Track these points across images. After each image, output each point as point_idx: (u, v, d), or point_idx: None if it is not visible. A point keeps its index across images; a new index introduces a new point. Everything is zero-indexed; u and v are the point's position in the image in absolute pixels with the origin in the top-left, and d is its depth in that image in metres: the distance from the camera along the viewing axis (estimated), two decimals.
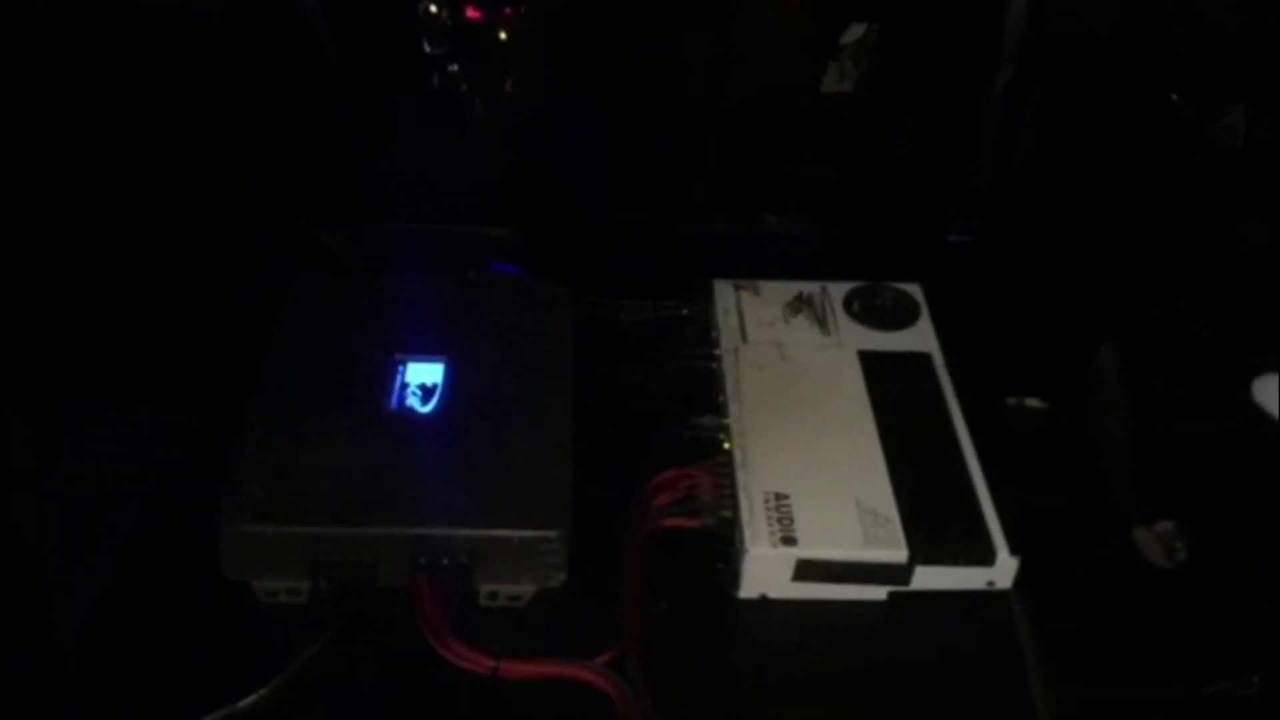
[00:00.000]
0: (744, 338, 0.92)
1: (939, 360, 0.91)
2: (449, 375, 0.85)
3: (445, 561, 0.75)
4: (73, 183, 0.91)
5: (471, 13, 1.65)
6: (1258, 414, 0.89)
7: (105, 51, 0.90)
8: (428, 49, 1.61)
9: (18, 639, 0.71)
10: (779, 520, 0.77)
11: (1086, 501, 0.91)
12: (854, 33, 1.06)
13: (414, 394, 0.84)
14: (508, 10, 1.62)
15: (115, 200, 0.94)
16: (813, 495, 0.78)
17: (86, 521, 0.80)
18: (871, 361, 0.90)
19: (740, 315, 0.94)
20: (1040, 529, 0.81)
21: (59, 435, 0.88)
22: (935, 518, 0.78)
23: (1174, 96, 1.01)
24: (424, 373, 0.85)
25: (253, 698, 0.69)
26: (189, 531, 0.76)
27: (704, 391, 0.89)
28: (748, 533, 0.76)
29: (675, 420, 0.87)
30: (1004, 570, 0.77)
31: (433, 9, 1.64)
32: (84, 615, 0.75)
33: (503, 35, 1.63)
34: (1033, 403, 0.97)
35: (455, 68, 1.61)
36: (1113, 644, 0.78)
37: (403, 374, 0.85)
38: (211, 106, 0.98)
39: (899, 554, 0.76)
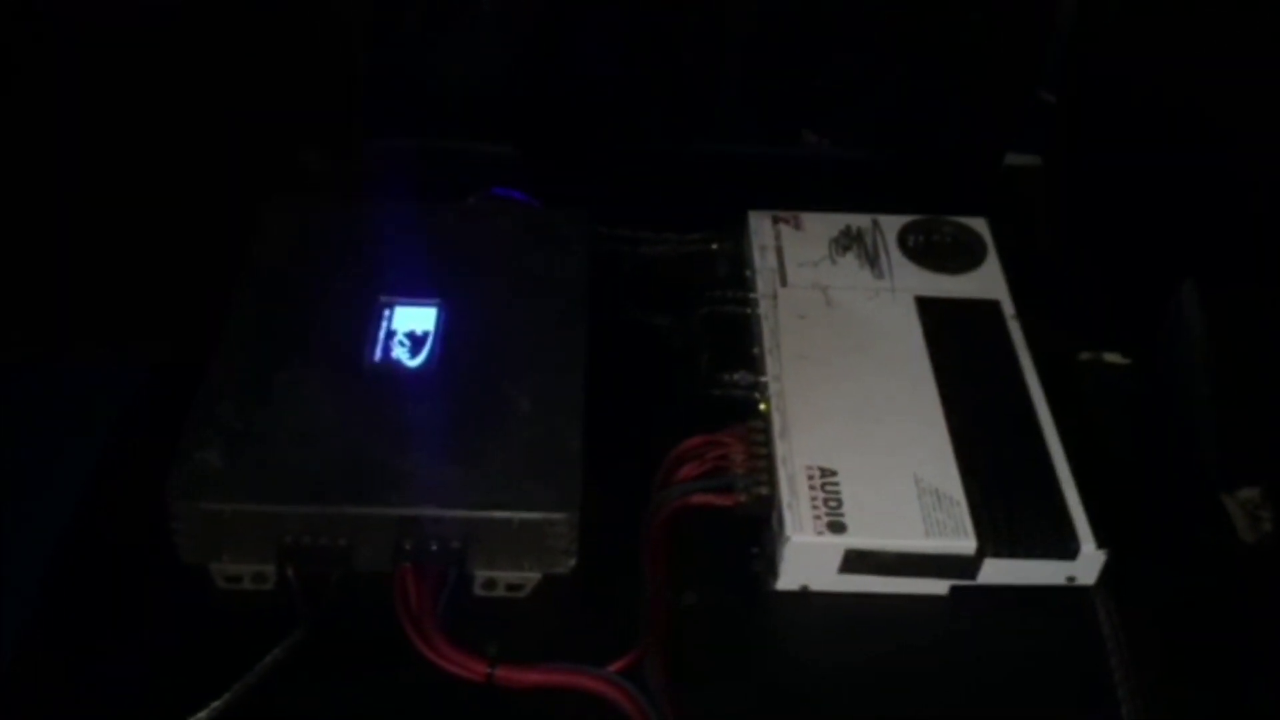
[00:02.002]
0: (783, 280, 0.81)
1: (1009, 309, 0.80)
2: (442, 322, 0.74)
3: (434, 547, 0.65)
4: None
5: None
6: None
7: None
8: None
9: None
10: (825, 502, 0.66)
11: (1168, 469, 0.81)
12: None
13: (401, 344, 0.73)
14: None
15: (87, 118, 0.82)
16: (864, 472, 0.68)
17: (21, 495, 0.71)
18: (931, 309, 0.79)
19: (779, 252, 0.83)
20: (1125, 508, 0.71)
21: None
22: (1008, 501, 0.68)
23: None
24: (413, 318, 0.74)
25: (206, 712, 0.59)
26: (140, 504, 0.66)
27: (737, 342, 0.79)
28: (788, 516, 0.66)
29: (704, 376, 0.77)
30: (1088, 565, 0.66)
31: None
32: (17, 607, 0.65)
33: None
34: (1112, 357, 0.86)
35: None
36: (1212, 648, 0.68)
37: (388, 320, 0.74)
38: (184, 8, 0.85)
39: (966, 544, 0.65)
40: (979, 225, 0.86)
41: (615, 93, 1.00)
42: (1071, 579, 0.67)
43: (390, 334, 0.74)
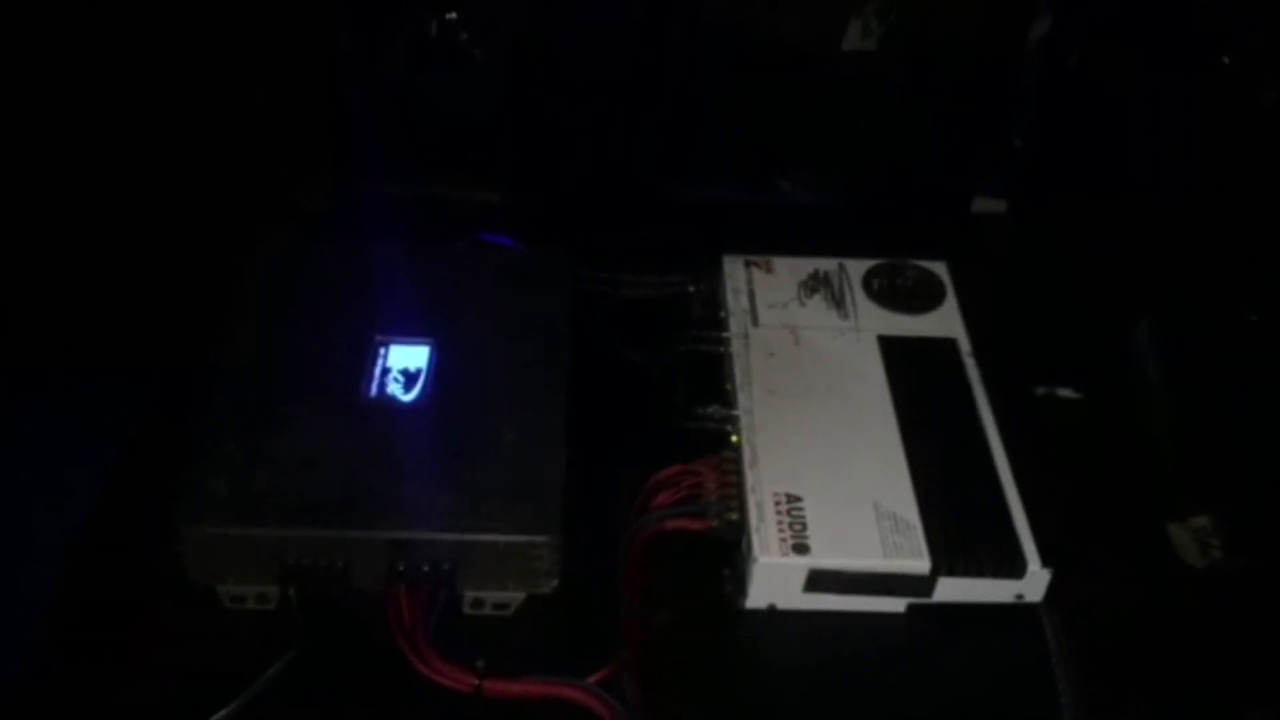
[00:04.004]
0: (755, 320, 0.85)
1: (965, 346, 0.84)
2: (434, 359, 0.79)
3: (425, 568, 0.69)
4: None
5: None
6: None
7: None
8: None
9: None
10: (790, 525, 0.71)
11: (1120, 497, 0.85)
12: None
13: (395, 380, 0.77)
14: None
15: (89, 154, 0.87)
16: (827, 498, 0.73)
17: (33, 513, 0.75)
18: (893, 347, 0.84)
19: (751, 294, 0.87)
20: (1074, 533, 0.76)
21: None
22: (961, 525, 0.72)
23: (1225, 59, 0.94)
24: (407, 356, 0.79)
25: (224, 711, 0.63)
26: (149, 527, 0.70)
27: (711, 378, 0.83)
28: (756, 539, 0.70)
29: (679, 410, 0.81)
30: (1035, 583, 0.71)
31: None
32: (29, 622, 0.69)
33: None
34: (1065, 393, 0.90)
35: (453, 15, 1.53)
36: (1153, 664, 0.73)
37: (384, 358, 0.78)
38: (184, 51, 0.90)
39: (921, 565, 0.70)
40: (939, 268, 0.90)
41: (596, 143, 1.05)
42: (1020, 597, 0.71)
43: (385, 371, 0.78)
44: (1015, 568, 0.70)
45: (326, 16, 1.02)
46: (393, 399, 0.76)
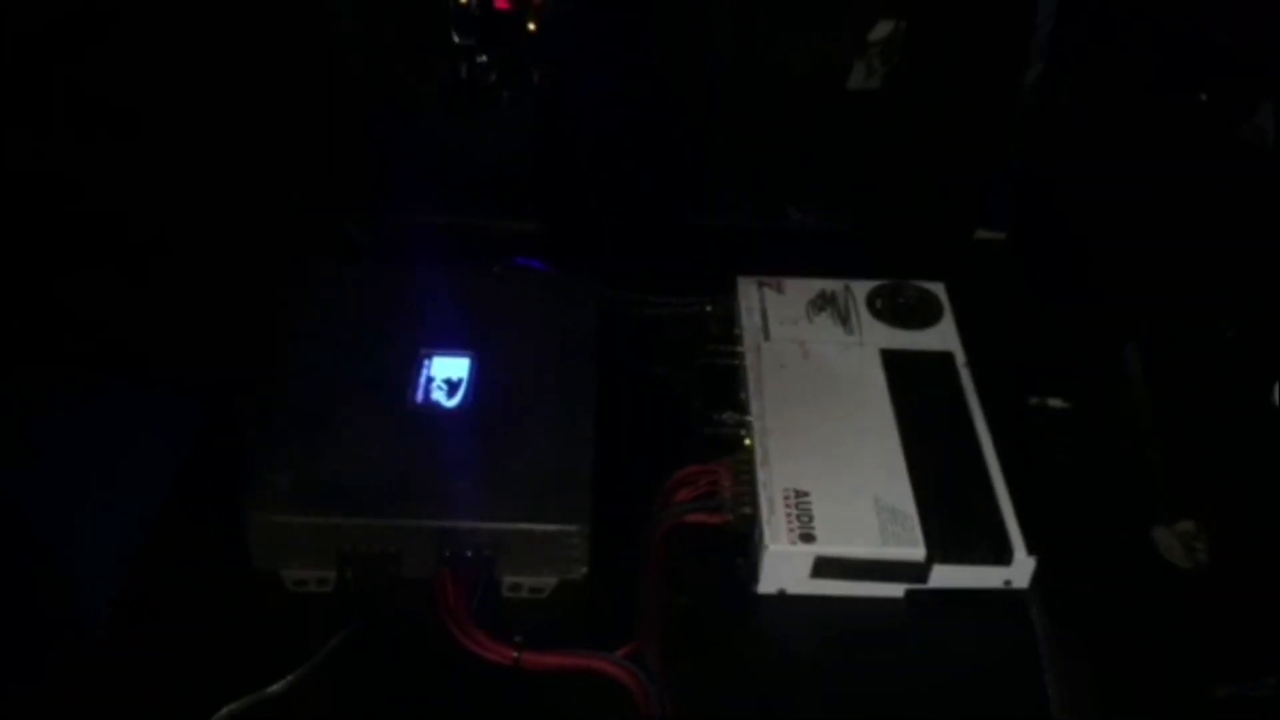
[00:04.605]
0: (767, 335, 0.92)
1: (961, 359, 0.91)
2: (474, 370, 0.86)
3: (469, 554, 0.76)
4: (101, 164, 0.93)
5: (500, 2, 1.66)
6: (1277, 416, 0.89)
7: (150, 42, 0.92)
8: (457, 39, 1.63)
9: (42, 622, 0.73)
10: (798, 517, 0.78)
11: (1107, 501, 0.91)
12: (882, 30, 1.06)
13: (439, 388, 0.85)
14: (536, 0, 1.63)
15: (150, 187, 0.96)
16: (832, 493, 0.79)
17: (112, 506, 0.82)
18: (893, 360, 0.90)
19: (763, 312, 0.94)
20: (1061, 529, 0.81)
21: (82, 417, 0.90)
22: (953, 517, 0.78)
23: (1203, 95, 1.01)
24: (449, 367, 0.86)
25: (281, 684, 0.70)
26: (215, 519, 0.78)
27: (726, 388, 0.90)
28: (767, 529, 0.77)
29: (698, 416, 0.88)
30: (1021, 570, 0.77)
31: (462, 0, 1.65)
32: (108, 601, 0.77)
33: (531, 25, 1.64)
34: (1055, 402, 0.97)
35: (483, 58, 1.62)
36: (1130, 645, 0.79)
37: (428, 368, 0.86)
38: (243, 97, 0.99)
39: (916, 552, 0.76)
40: (937, 288, 0.97)
41: (620, 176, 1.13)
42: (1008, 582, 0.77)
43: (430, 380, 0.86)
44: (1003, 555, 0.77)
45: (365, 64, 1.11)
46: (437, 404, 0.84)
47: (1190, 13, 1.01)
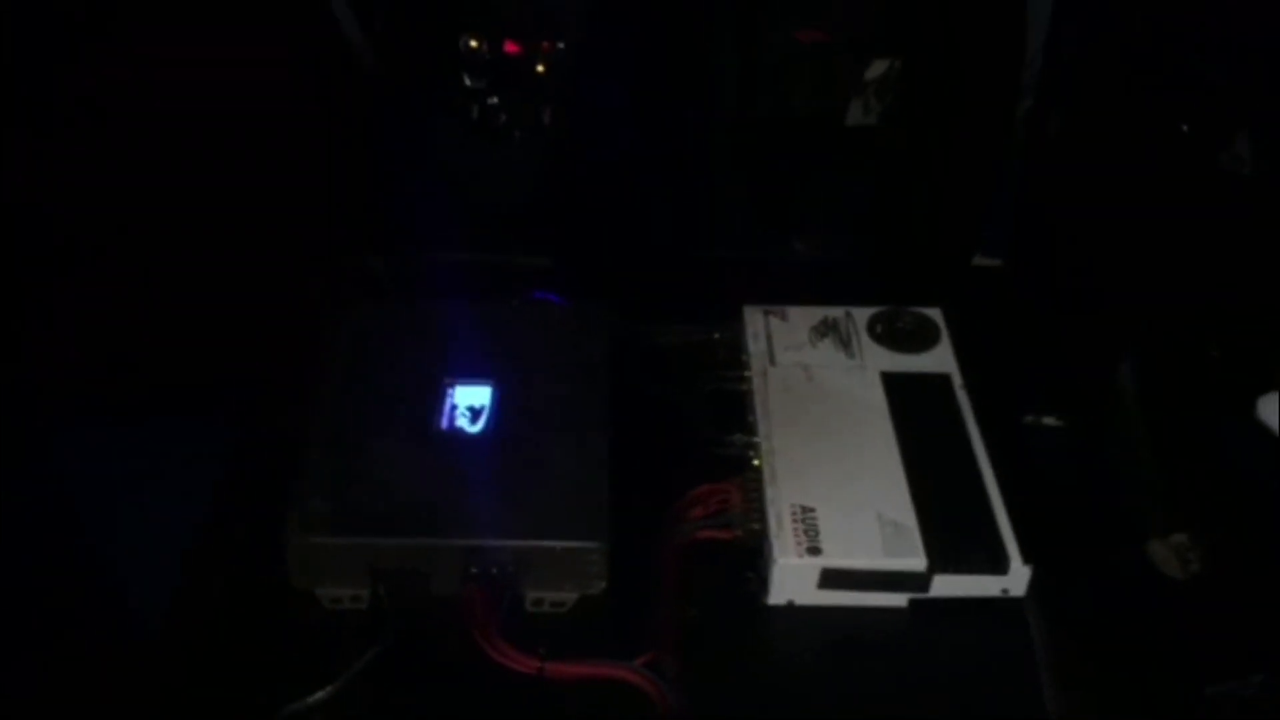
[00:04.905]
0: (772, 360, 0.97)
1: (958, 381, 0.96)
2: (495, 397, 0.91)
3: (494, 570, 0.80)
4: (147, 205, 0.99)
5: (510, 46, 1.73)
6: (1262, 431, 0.93)
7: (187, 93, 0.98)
8: (468, 82, 1.68)
9: (107, 634, 0.78)
10: (805, 531, 0.82)
11: (1103, 515, 0.95)
12: (877, 69, 1.12)
13: (463, 415, 0.90)
14: (545, 44, 1.70)
15: (187, 224, 1.01)
16: (837, 508, 0.84)
17: (157, 526, 0.87)
18: (893, 382, 0.95)
19: (769, 339, 0.99)
20: (1057, 541, 0.85)
21: (127, 443, 0.95)
22: (952, 529, 0.83)
23: (1184, 126, 1.06)
24: (472, 395, 0.91)
25: (321, 694, 0.75)
26: (254, 539, 0.83)
27: (735, 411, 0.94)
28: (776, 544, 0.81)
29: (708, 438, 0.92)
30: (1017, 578, 0.81)
31: (473, 44, 1.71)
32: (161, 616, 0.81)
33: (540, 68, 1.70)
34: (1049, 420, 1.01)
35: (495, 100, 1.68)
36: (1125, 651, 0.82)
37: (452, 396, 0.91)
38: (273, 139, 1.05)
39: (918, 562, 0.81)
40: (934, 314, 1.02)
41: (631, 212, 1.18)
42: (1005, 591, 0.82)
43: (454, 407, 0.91)
44: (1000, 564, 0.81)
45: (378, 104, 1.17)
46: (461, 430, 0.89)
47: (1171, 47, 1.06)
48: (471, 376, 0.92)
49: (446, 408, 0.90)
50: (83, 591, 0.83)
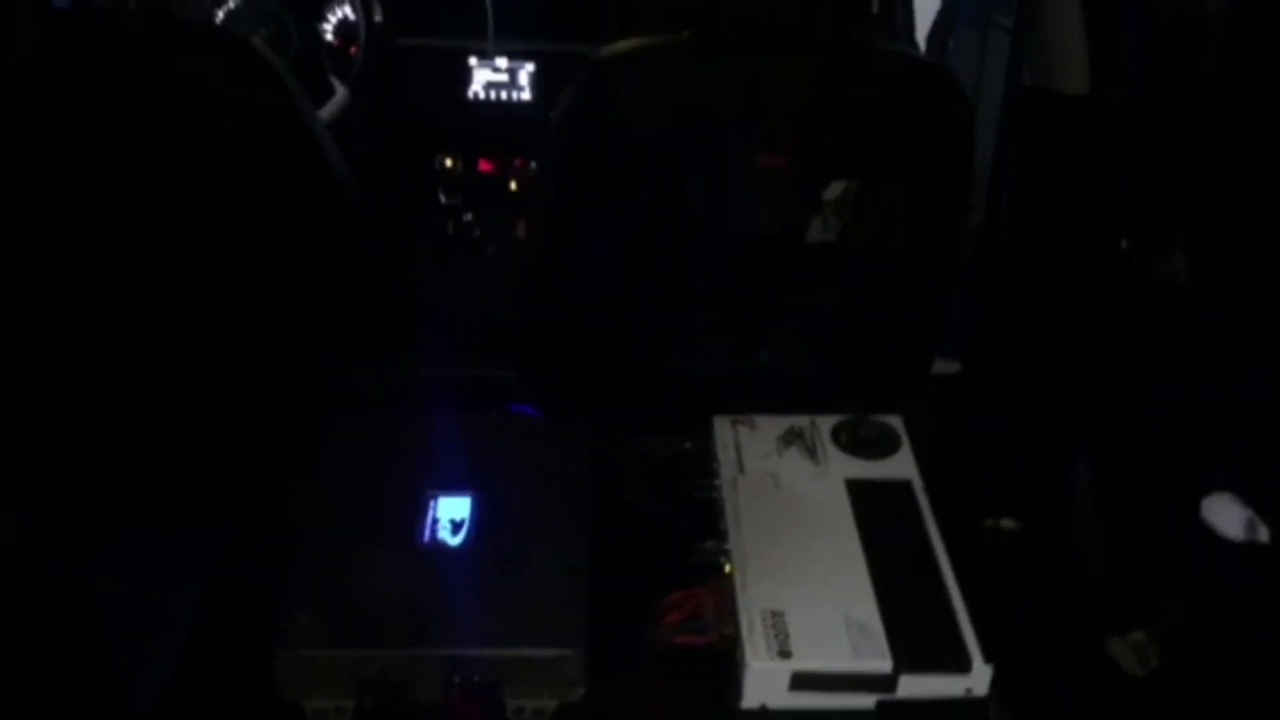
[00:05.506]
0: (742, 469, 1.01)
1: (918, 486, 1.00)
2: (476, 509, 0.94)
3: (476, 679, 0.83)
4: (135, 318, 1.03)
5: (484, 165, 1.79)
6: (1206, 530, 0.98)
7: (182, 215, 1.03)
8: (444, 199, 1.75)
9: None
10: (775, 635, 0.85)
11: (1063, 613, 0.99)
12: (835, 190, 1.18)
13: (444, 528, 0.93)
14: (518, 162, 1.77)
15: (179, 344, 1.06)
16: (806, 612, 0.87)
17: (146, 637, 0.89)
18: (857, 488, 0.99)
19: (738, 448, 1.03)
20: (1019, 640, 0.89)
21: (119, 554, 0.98)
22: (917, 632, 0.86)
23: (1124, 242, 1.13)
24: (453, 507, 0.94)
25: None
26: (239, 649, 0.85)
27: (707, 518, 0.98)
28: (748, 648, 0.84)
29: (682, 545, 0.95)
30: (980, 677, 0.85)
31: (448, 163, 1.78)
32: None
33: (513, 185, 1.77)
34: (1008, 523, 1.06)
35: (469, 217, 1.74)
36: None
37: (434, 509, 0.94)
38: (262, 264, 1.10)
39: (884, 664, 0.84)
40: (895, 421, 1.07)
41: (605, 326, 1.23)
42: (969, 691, 0.85)
43: (435, 521, 0.94)
44: (963, 664, 0.84)
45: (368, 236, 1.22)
46: (443, 543, 0.92)
47: (1111, 172, 1.14)
48: (453, 488, 0.96)
49: (429, 520, 0.93)
50: (70, 702, 0.85)
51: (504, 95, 1.71)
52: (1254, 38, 1.05)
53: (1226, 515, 0.98)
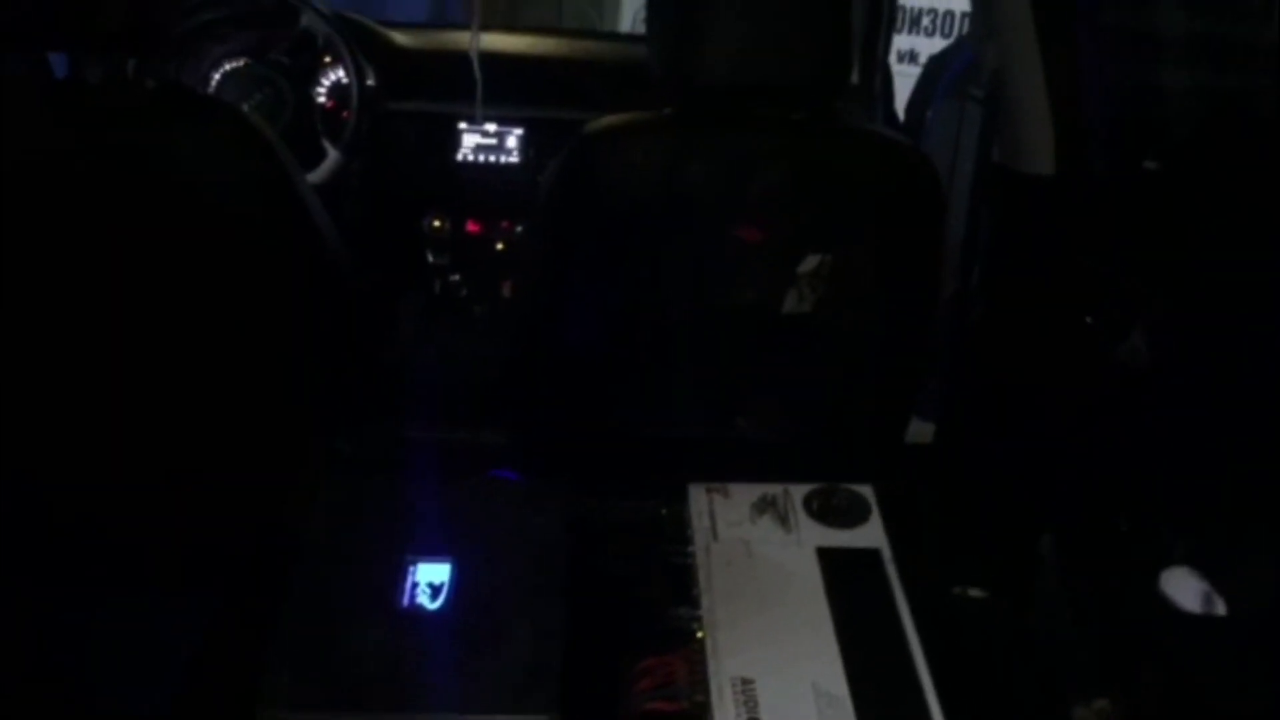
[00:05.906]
0: (715, 536, 1.04)
1: (887, 555, 1.02)
2: (454, 574, 0.96)
3: None
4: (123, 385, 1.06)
5: (471, 227, 1.83)
6: (1165, 604, 1.01)
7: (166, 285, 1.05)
8: (431, 259, 1.78)
9: None
10: (745, 703, 0.87)
11: (1028, 682, 1.01)
12: (810, 263, 1.22)
13: (424, 592, 0.95)
14: (505, 224, 1.81)
15: (167, 408, 1.08)
16: (775, 680, 0.89)
17: (129, 697, 0.91)
18: (828, 557, 1.01)
19: (712, 516, 1.06)
20: (985, 709, 0.91)
21: (105, 616, 1.00)
22: (882, 700, 0.88)
23: (1088, 319, 1.17)
24: (432, 572, 0.96)
25: None
26: (224, 710, 0.87)
27: (680, 584, 1.00)
28: (717, 715, 0.86)
29: (656, 610, 0.98)
30: None
31: (436, 224, 1.82)
32: None
33: (500, 246, 1.81)
34: (975, 592, 1.08)
35: (456, 277, 1.78)
36: None
37: (414, 574, 0.96)
38: (250, 329, 1.13)
39: None
40: (866, 491, 1.10)
41: (587, 390, 1.26)
42: None
43: (415, 585, 0.96)
44: None
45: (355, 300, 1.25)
46: (421, 607, 0.94)
47: (1076, 251, 1.18)
48: (432, 554, 0.98)
49: (408, 585, 0.95)
50: None
51: (492, 159, 1.76)
52: (1214, 138, 1.10)
53: (1184, 588, 1.01)
